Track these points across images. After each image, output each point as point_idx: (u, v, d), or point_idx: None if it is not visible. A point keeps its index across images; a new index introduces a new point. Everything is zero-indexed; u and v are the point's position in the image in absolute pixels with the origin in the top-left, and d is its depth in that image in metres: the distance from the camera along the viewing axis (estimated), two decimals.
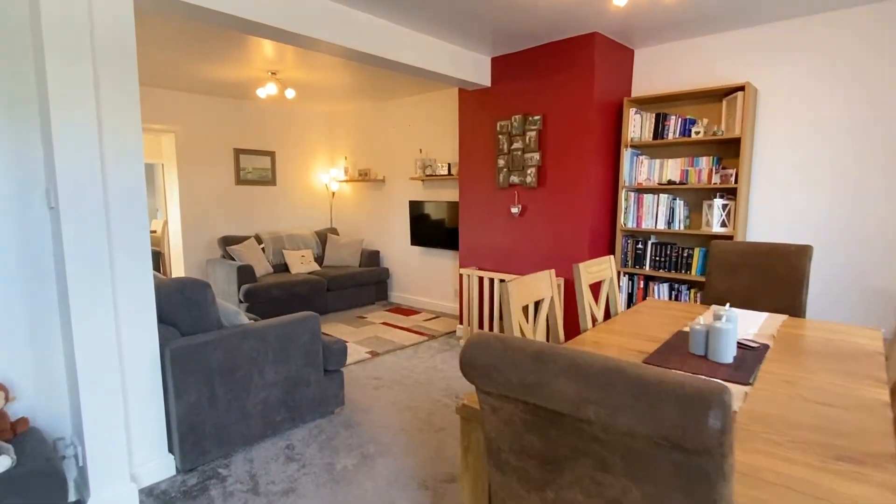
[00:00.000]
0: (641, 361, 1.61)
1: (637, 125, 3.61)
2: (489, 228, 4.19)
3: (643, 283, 3.70)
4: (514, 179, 3.92)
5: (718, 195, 3.36)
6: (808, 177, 3.13)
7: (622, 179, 3.63)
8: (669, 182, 3.51)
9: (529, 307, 3.04)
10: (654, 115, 3.53)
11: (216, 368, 2.37)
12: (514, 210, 3.93)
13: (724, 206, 3.28)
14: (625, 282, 3.78)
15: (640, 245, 3.67)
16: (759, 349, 1.72)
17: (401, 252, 5.92)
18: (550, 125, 3.68)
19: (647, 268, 3.64)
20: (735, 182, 3.20)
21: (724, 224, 3.30)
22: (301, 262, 5.63)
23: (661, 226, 3.54)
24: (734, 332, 1.59)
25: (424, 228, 5.45)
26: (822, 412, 1.22)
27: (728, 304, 1.71)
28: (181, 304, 2.38)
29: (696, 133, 3.37)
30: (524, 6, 2.93)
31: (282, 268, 5.66)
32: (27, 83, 1.96)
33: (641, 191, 3.68)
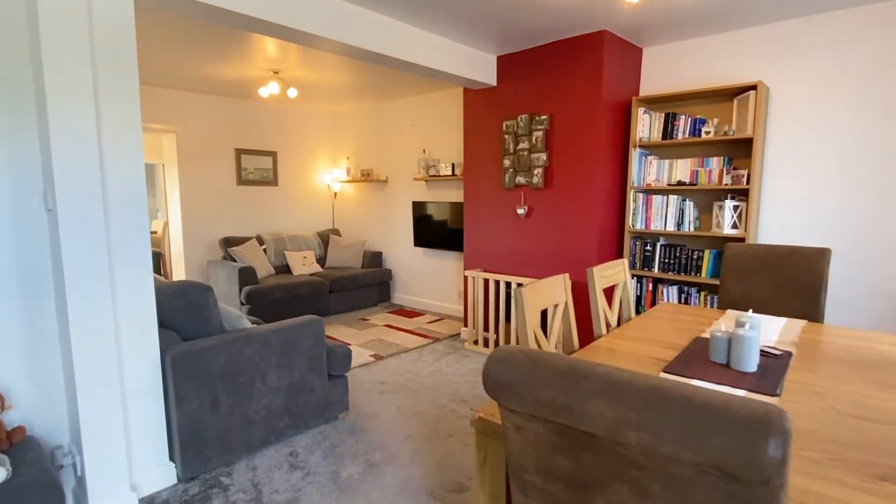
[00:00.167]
0: (661, 370, 1.55)
1: (646, 125, 3.55)
2: (494, 230, 4.13)
3: (652, 286, 3.64)
4: (521, 180, 3.86)
5: (729, 196, 3.30)
6: (823, 178, 3.07)
7: (630, 180, 3.56)
8: (679, 183, 3.45)
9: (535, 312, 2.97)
10: (664, 115, 3.47)
11: (218, 374, 2.31)
12: (521, 211, 3.86)
13: (736, 208, 3.22)
14: (633, 284, 3.72)
15: (649, 247, 3.61)
16: (783, 357, 1.65)
17: (404, 253, 5.86)
18: (557, 125, 3.62)
19: (656, 270, 3.58)
20: (747, 183, 3.14)
21: (736, 226, 3.23)
22: (303, 264, 5.57)
23: (671, 227, 3.48)
24: (758, 340, 1.53)
25: (428, 229, 5.39)
26: (859, 427, 1.16)
27: (751, 311, 1.65)
28: (182, 309, 2.32)
29: (707, 133, 3.31)
30: (532, 4, 2.87)
31: (284, 269, 5.60)
32: (24, 81, 1.90)
33: (650, 192, 3.62)
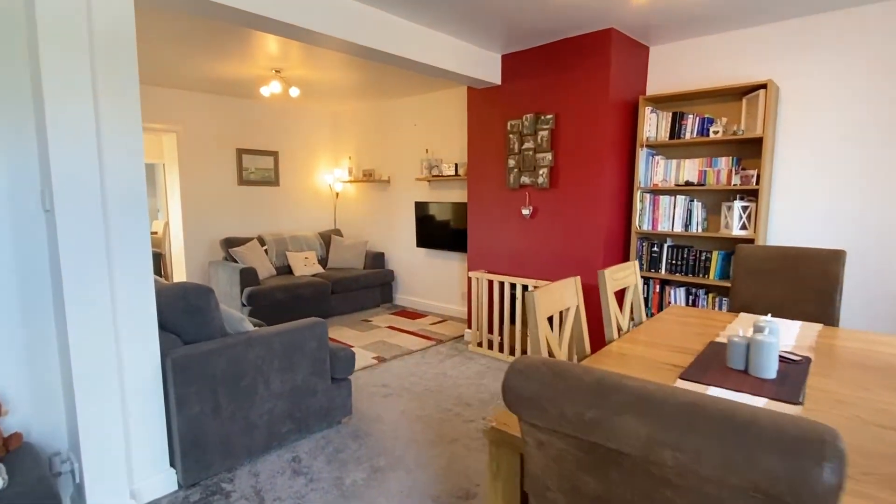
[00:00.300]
0: (677, 377, 1.50)
1: (653, 124, 3.50)
2: (499, 230, 4.09)
3: (659, 288, 3.59)
4: (525, 180, 3.81)
5: (738, 197, 3.25)
6: (835, 178, 3.02)
7: (637, 180, 3.51)
8: (687, 183, 3.40)
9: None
10: (671, 115, 3.42)
11: (220, 378, 2.26)
12: (525, 211, 3.82)
13: (745, 209, 3.17)
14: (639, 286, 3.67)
15: (656, 248, 3.56)
16: (802, 363, 1.60)
17: (406, 254, 5.81)
18: (563, 124, 3.57)
19: (663, 271, 3.53)
20: (757, 183, 3.09)
21: (745, 227, 3.18)
22: (304, 265, 5.52)
23: (678, 228, 3.43)
24: (777, 346, 1.48)
25: (430, 230, 5.34)
26: (888, 437, 1.11)
27: (769, 315, 1.60)
28: (183, 311, 2.27)
29: (715, 133, 3.26)
30: (539, 2, 2.82)
31: (285, 270, 5.56)
32: (22, 78, 1.85)
33: (657, 192, 3.57)
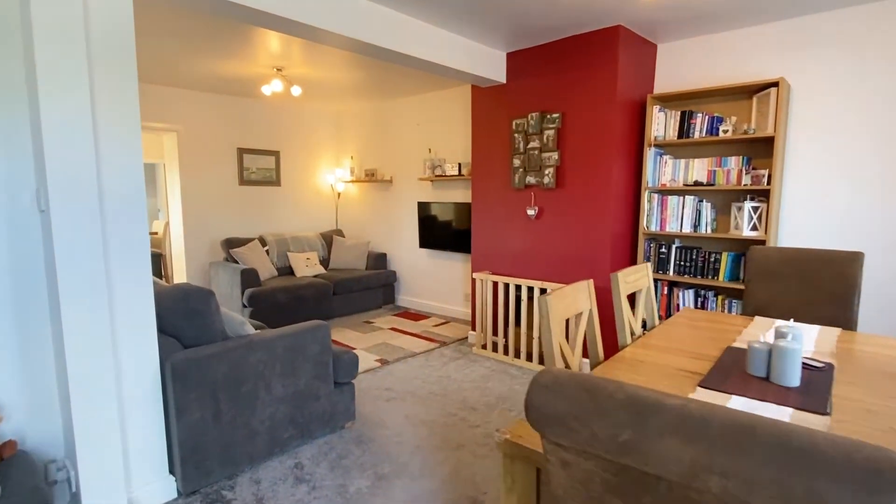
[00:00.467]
0: (696, 385, 1.45)
1: (661, 123, 3.44)
2: (503, 231, 4.03)
3: (667, 290, 3.53)
4: (531, 180, 3.75)
5: (749, 197, 3.19)
6: (850, 177, 2.96)
7: (645, 180, 3.45)
8: (696, 183, 3.34)
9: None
10: (679, 113, 3.36)
11: (220, 383, 2.21)
12: (531, 212, 3.76)
13: (756, 209, 3.11)
14: None
15: (664, 249, 3.50)
16: (825, 369, 1.54)
17: (408, 254, 5.76)
18: (570, 123, 3.51)
19: (672, 273, 3.47)
20: (768, 183, 3.03)
21: (756, 227, 3.12)
22: (306, 265, 5.47)
23: (687, 229, 3.37)
24: (801, 352, 1.42)
25: (433, 230, 5.28)
26: None
27: (791, 320, 1.54)
28: (183, 314, 2.21)
29: (725, 132, 3.20)
30: None
31: (286, 271, 5.50)
32: (16, 74, 1.79)
33: (665, 192, 3.51)
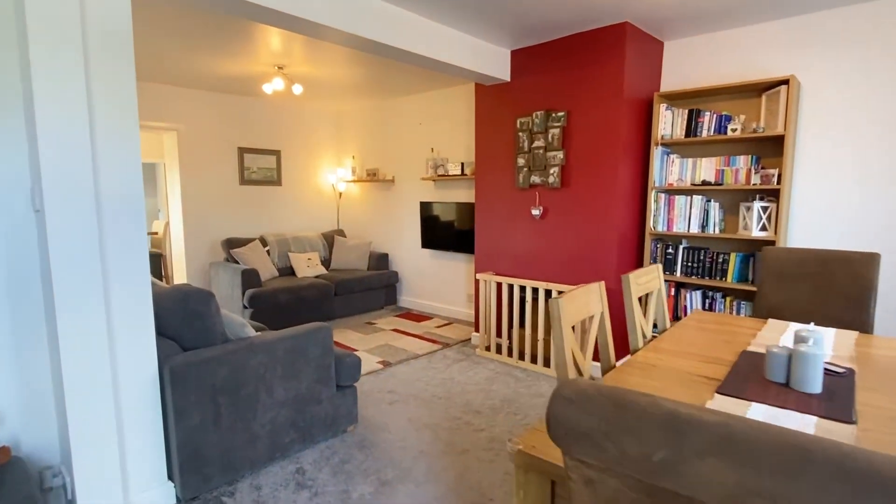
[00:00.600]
0: (714, 391, 1.39)
1: (668, 122, 3.38)
2: (508, 231, 3.97)
3: (674, 291, 3.47)
4: (536, 179, 3.70)
5: (758, 197, 3.14)
6: (863, 177, 2.90)
7: (652, 180, 3.40)
8: (703, 182, 3.28)
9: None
10: (687, 112, 3.30)
11: (220, 386, 2.15)
12: (535, 212, 3.70)
13: (765, 209, 3.06)
14: None
15: (671, 250, 3.44)
16: (846, 375, 1.49)
17: (411, 255, 5.70)
18: (575, 122, 3.45)
19: (679, 274, 3.41)
20: (778, 183, 2.97)
21: (765, 228, 3.07)
22: (307, 266, 5.42)
23: (695, 229, 3.31)
24: (822, 358, 1.37)
25: (436, 230, 5.23)
26: None
27: (812, 324, 1.49)
28: (182, 316, 2.16)
29: (733, 130, 3.15)
30: None
31: (287, 271, 5.45)
32: (10, 70, 1.74)
33: (672, 192, 3.46)
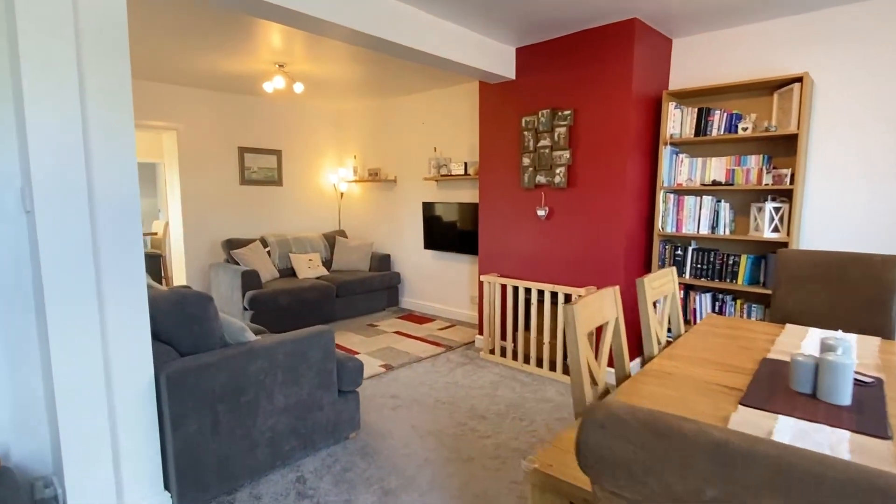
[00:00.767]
0: (738, 402, 1.32)
1: (677, 121, 3.31)
2: (512, 232, 3.90)
3: (683, 293, 3.40)
4: (541, 179, 3.63)
5: (769, 198, 3.06)
6: (879, 177, 2.82)
7: (660, 180, 3.33)
8: (713, 182, 3.21)
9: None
10: (696, 110, 3.23)
11: (219, 393, 2.09)
12: (541, 212, 3.63)
13: (777, 210, 2.98)
14: None
15: (680, 251, 3.37)
16: (874, 385, 1.42)
17: (413, 256, 5.64)
18: (582, 121, 3.38)
19: (688, 276, 3.34)
20: (790, 183, 2.90)
21: (777, 229, 3.00)
22: (308, 267, 5.35)
23: (704, 230, 3.24)
24: (852, 368, 1.30)
25: (438, 231, 5.16)
26: None
27: (840, 331, 1.42)
28: (180, 321, 2.10)
29: (744, 129, 3.07)
30: None
31: (288, 272, 5.39)
32: None
33: (681, 192, 3.38)
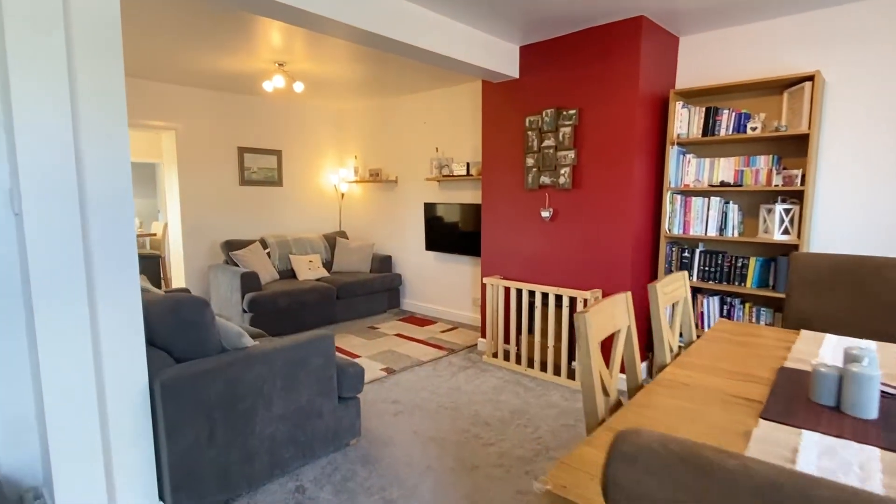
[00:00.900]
0: (758, 416, 1.26)
1: (684, 120, 3.25)
2: (516, 234, 3.84)
3: (690, 296, 3.33)
4: (545, 180, 3.56)
5: (779, 199, 3.00)
6: (893, 179, 2.75)
7: (667, 181, 3.26)
8: (722, 183, 3.15)
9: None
10: (704, 110, 3.16)
11: (216, 401, 2.02)
12: (545, 214, 3.57)
13: (787, 211, 2.92)
14: None
15: (687, 253, 3.30)
16: None
17: (414, 257, 5.57)
18: (587, 120, 3.32)
19: (695, 279, 3.27)
20: (801, 184, 2.83)
21: (787, 231, 2.93)
22: (309, 268, 5.29)
23: (712, 232, 3.18)
24: (879, 380, 1.23)
25: (440, 232, 5.10)
26: None
27: (869, 342, 1.35)
28: (175, 326, 2.04)
29: (753, 129, 3.00)
30: None
31: (288, 274, 5.32)
32: None
33: (689, 193, 3.32)
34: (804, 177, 2.83)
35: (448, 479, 2.28)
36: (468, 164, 4.67)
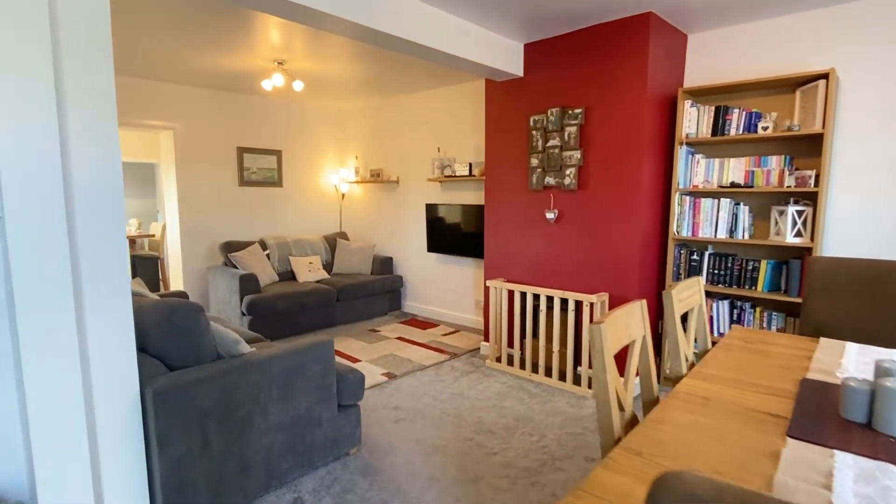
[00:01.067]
0: (785, 434, 1.17)
1: (693, 120, 3.16)
2: (519, 235, 3.76)
3: (704, 302, 3.24)
4: (550, 181, 3.48)
5: (792, 200, 2.91)
6: None
7: (675, 181, 3.18)
8: (732, 184, 3.07)
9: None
10: (713, 109, 3.08)
11: (210, 410, 1.95)
12: (550, 215, 3.49)
13: (800, 213, 2.83)
14: None
15: (696, 256, 3.22)
16: None
17: (416, 259, 5.49)
18: (593, 120, 3.24)
19: (704, 282, 3.19)
20: (815, 185, 2.75)
21: (800, 234, 2.85)
22: (309, 270, 5.21)
23: (722, 234, 3.09)
24: None
25: (442, 234, 5.02)
26: None
27: None
28: (168, 333, 1.96)
29: (764, 129, 2.92)
30: None
31: (288, 275, 5.25)
32: None
33: (698, 194, 3.24)
34: (818, 178, 2.75)
35: (451, 492, 2.20)
36: (470, 165, 4.59)
